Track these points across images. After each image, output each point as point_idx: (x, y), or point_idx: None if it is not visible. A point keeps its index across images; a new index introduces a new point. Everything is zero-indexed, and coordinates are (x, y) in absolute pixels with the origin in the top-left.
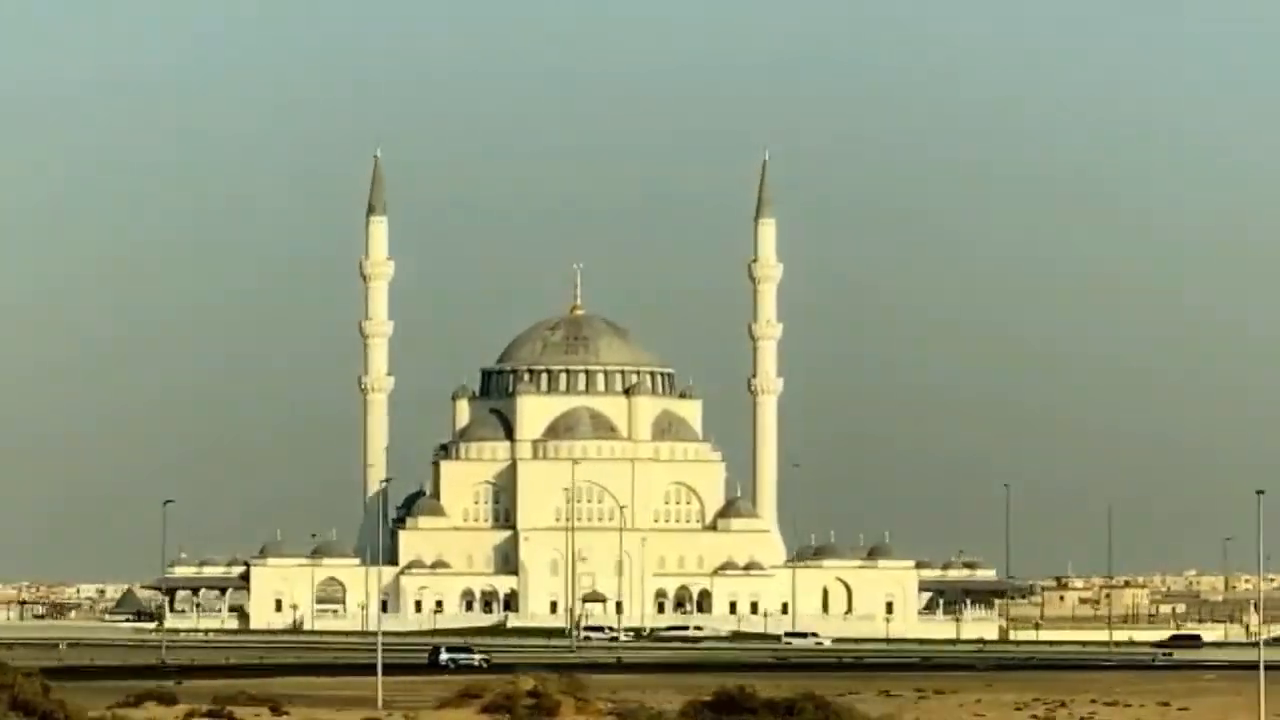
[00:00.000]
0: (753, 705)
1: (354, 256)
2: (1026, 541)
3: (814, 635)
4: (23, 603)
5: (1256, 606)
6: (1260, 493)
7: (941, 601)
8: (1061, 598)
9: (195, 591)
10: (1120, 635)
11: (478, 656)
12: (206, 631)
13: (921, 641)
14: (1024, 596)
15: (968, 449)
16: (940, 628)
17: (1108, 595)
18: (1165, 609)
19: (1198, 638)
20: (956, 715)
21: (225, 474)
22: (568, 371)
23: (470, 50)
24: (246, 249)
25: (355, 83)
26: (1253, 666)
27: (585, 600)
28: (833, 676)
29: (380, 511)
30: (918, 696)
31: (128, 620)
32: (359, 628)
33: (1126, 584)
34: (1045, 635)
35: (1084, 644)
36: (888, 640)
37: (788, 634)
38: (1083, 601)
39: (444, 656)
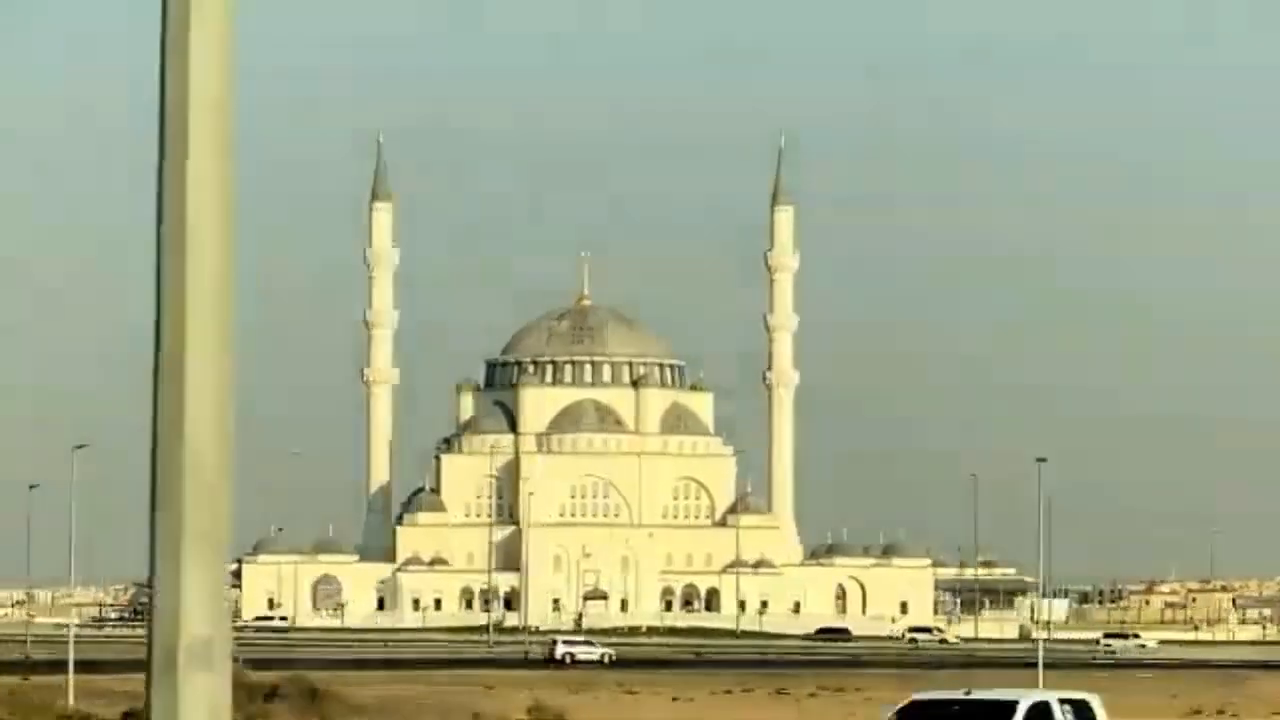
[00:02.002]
0: None
1: (357, 245)
2: (1102, 545)
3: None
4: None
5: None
6: None
7: (959, 601)
8: (1147, 601)
9: None
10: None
11: (599, 651)
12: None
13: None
14: (1115, 600)
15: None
16: (955, 628)
17: (1194, 599)
18: (1253, 613)
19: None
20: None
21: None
22: (573, 363)
23: (475, 33)
24: (244, 236)
25: (356, 65)
26: (1202, 665)
27: (587, 598)
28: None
29: (386, 507)
30: (807, 694)
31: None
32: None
33: (1223, 588)
34: (1065, 635)
35: (1074, 642)
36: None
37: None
38: (1169, 605)
39: (560, 650)
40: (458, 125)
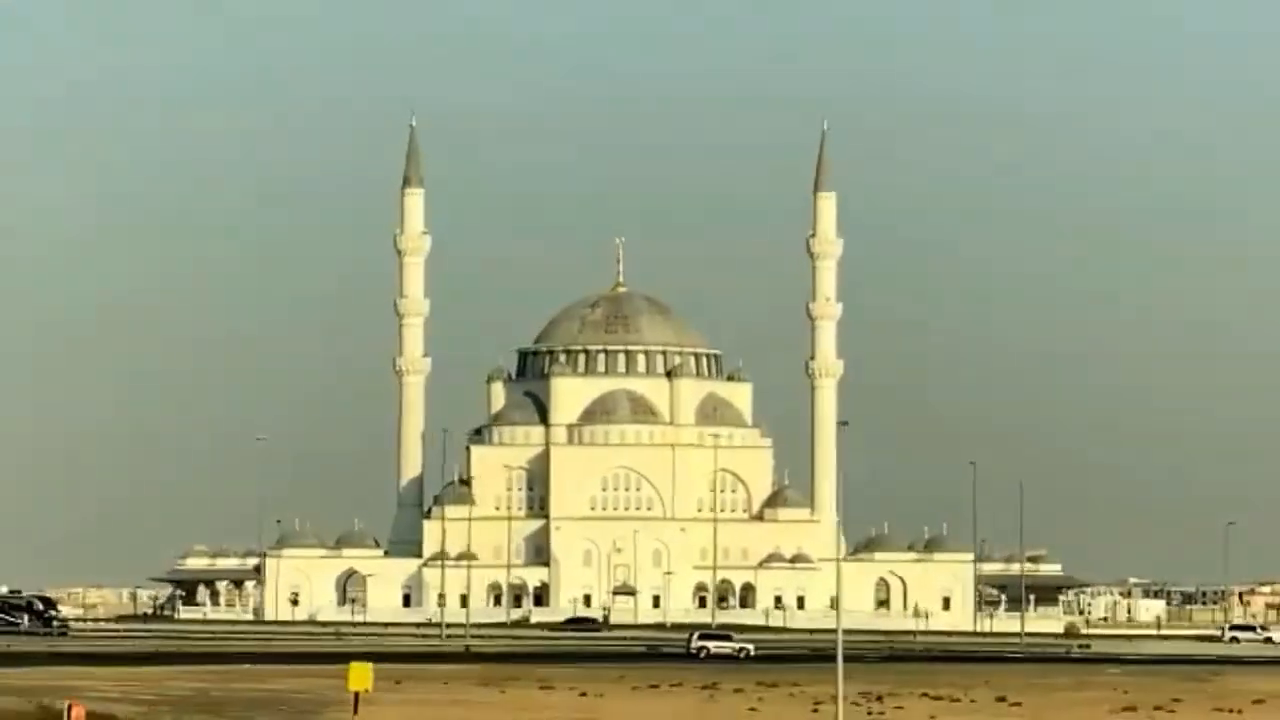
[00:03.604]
0: None
1: (388, 231)
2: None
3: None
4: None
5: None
6: None
7: (1004, 597)
8: (1247, 602)
9: (209, 584)
10: None
11: (736, 646)
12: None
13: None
14: (1217, 600)
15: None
16: (999, 624)
17: None
18: None
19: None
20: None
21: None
22: (606, 352)
23: (509, 16)
24: (275, 224)
25: (389, 49)
26: (1177, 661)
27: (615, 593)
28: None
29: (419, 501)
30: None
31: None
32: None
33: None
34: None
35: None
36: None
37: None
38: (1270, 607)
39: (694, 644)
40: (492, 111)
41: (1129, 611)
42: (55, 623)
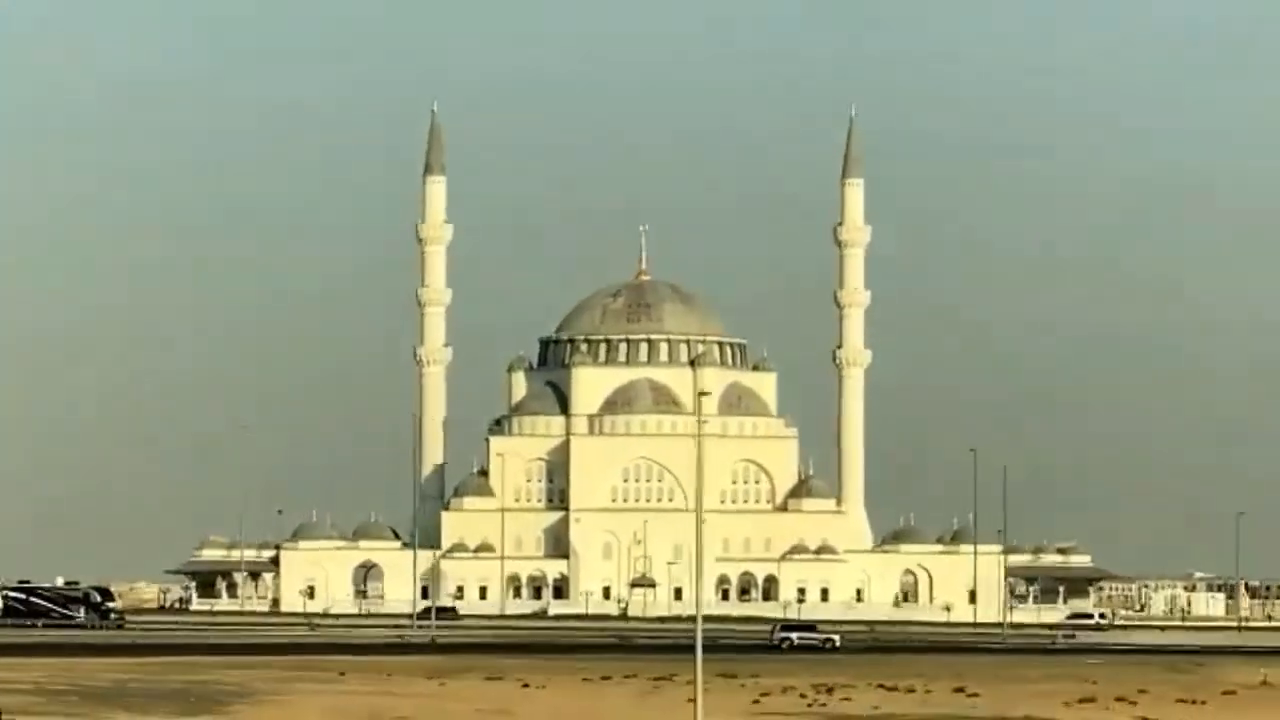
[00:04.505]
0: None
1: (410, 220)
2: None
3: None
4: None
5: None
6: None
7: (1034, 590)
8: None
9: (226, 576)
10: None
11: (821, 636)
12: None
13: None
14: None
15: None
16: (1027, 617)
17: None
18: None
19: (1091, 616)
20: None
21: (268, 453)
22: (628, 341)
23: (532, 2)
24: (296, 212)
25: (411, 35)
26: (1169, 651)
27: (633, 585)
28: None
29: (440, 492)
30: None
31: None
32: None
33: None
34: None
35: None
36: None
37: None
38: None
39: (777, 635)
40: (515, 98)
41: (1187, 605)
42: (112, 614)
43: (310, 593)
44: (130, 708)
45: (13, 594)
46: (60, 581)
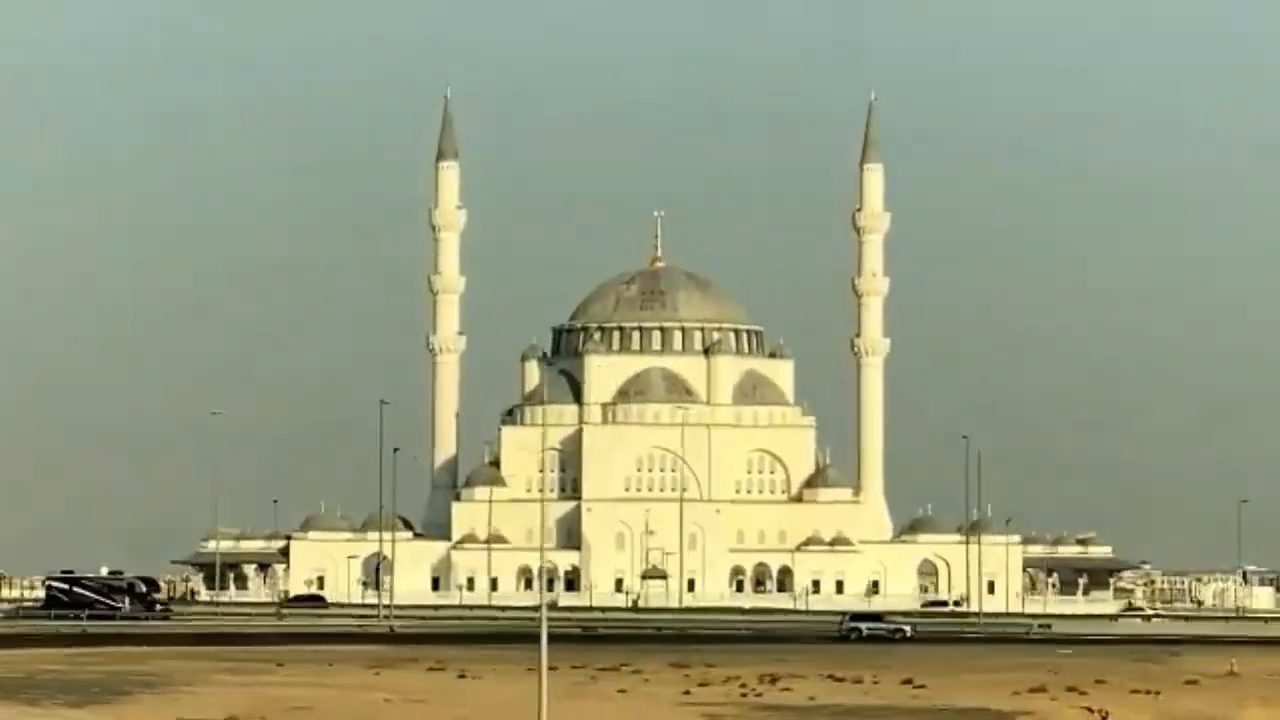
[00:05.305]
0: None
1: (422, 206)
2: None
3: None
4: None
5: None
6: None
7: (1053, 581)
8: None
9: (234, 567)
10: None
11: (890, 626)
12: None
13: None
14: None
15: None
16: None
17: None
18: None
19: (1142, 609)
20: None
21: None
22: (641, 329)
23: None
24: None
25: (423, 17)
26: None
27: (644, 576)
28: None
29: (453, 483)
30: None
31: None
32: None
33: None
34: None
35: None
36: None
37: None
38: None
39: (846, 626)
40: (527, 82)
41: (1236, 598)
42: (158, 605)
43: (320, 582)
44: (28, 699)
45: (56, 584)
46: (104, 571)
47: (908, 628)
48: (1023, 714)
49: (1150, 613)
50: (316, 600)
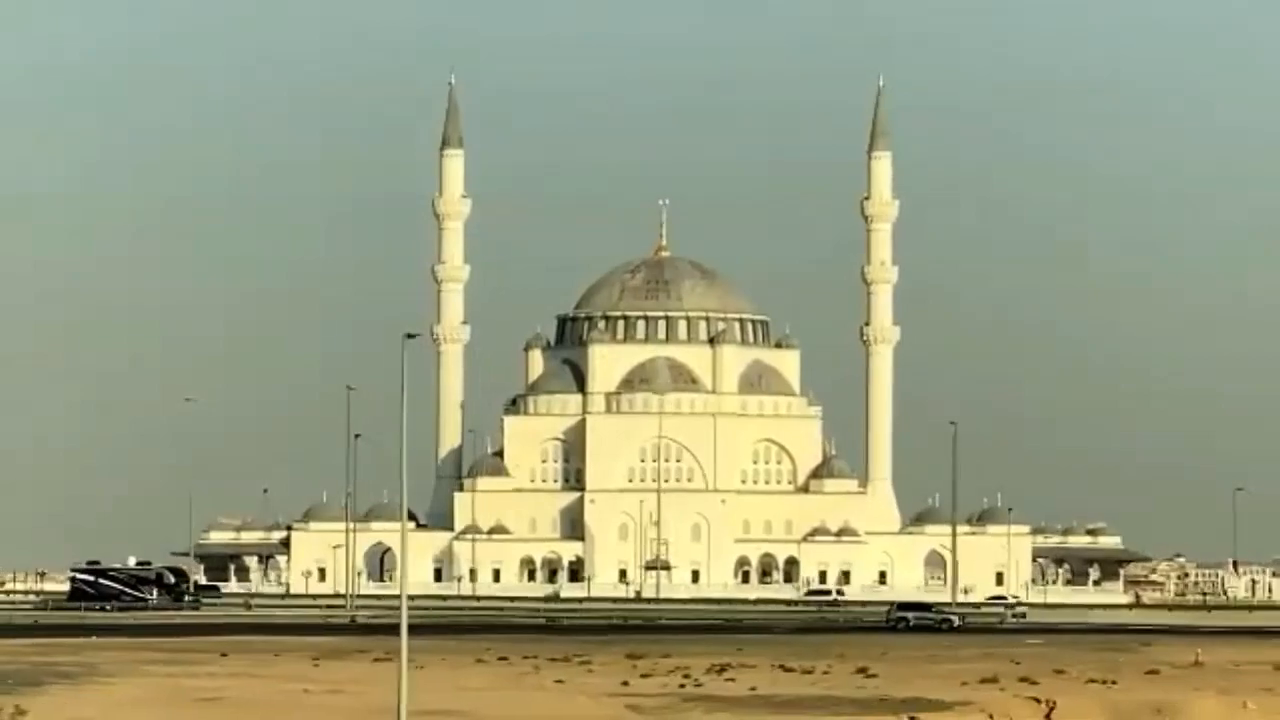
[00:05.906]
0: None
1: (427, 194)
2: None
3: None
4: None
5: None
6: None
7: (1062, 571)
8: None
9: (235, 559)
10: None
11: (938, 616)
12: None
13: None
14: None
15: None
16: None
17: None
18: None
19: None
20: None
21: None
22: (646, 318)
23: None
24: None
25: (430, 7)
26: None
27: (647, 567)
28: None
29: (457, 473)
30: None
31: None
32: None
33: None
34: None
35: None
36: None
37: None
38: None
39: (893, 615)
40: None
41: (1269, 591)
42: (187, 596)
43: (321, 573)
44: None
45: (81, 575)
46: (132, 562)
47: (955, 618)
48: (962, 704)
49: (1129, 602)
50: (211, 590)
